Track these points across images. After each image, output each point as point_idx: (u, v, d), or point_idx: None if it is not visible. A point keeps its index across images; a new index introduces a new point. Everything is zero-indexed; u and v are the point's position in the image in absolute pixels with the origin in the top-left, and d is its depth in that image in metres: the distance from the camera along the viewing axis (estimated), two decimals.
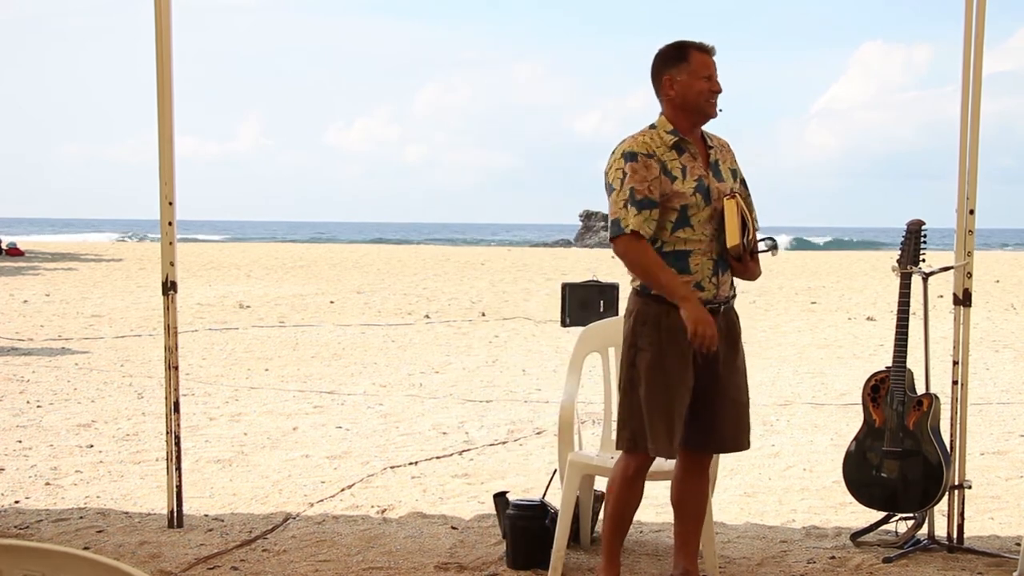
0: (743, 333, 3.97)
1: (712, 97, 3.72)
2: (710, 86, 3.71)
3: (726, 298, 3.79)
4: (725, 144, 3.90)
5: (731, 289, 3.85)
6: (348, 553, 4.46)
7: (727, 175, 3.81)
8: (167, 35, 4.65)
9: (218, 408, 7.91)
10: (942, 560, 4.38)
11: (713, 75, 3.73)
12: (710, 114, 3.76)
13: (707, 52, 3.75)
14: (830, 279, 22.63)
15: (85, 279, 20.89)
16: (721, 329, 3.72)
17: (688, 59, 3.72)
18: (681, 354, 3.68)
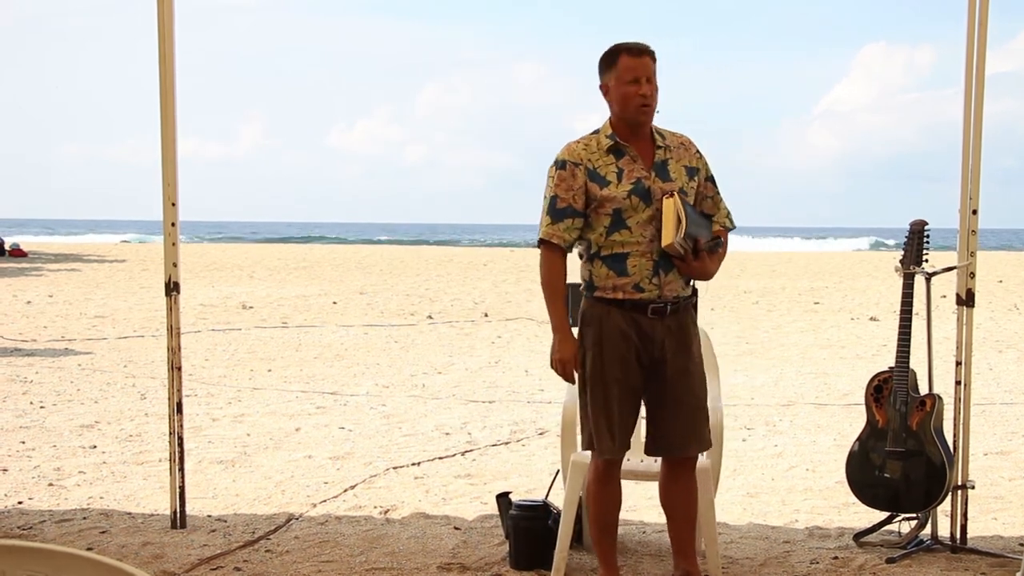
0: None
1: (641, 101, 3.69)
2: (637, 89, 3.69)
3: (674, 298, 3.74)
4: (684, 142, 3.85)
5: (683, 289, 3.78)
6: (351, 554, 4.46)
7: (677, 174, 3.77)
8: (170, 36, 4.66)
9: (221, 409, 7.91)
10: (945, 560, 4.38)
11: (641, 78, 3.69)
12: (639, 119, 3.74)
13: (636, 55, 3.72)
14: (833, 279, 22.62)
15: (88, 280, 20.91)
16: (671, 330, 3.75)
17: (616, 64, 3.73)
18: (621, 355, 3.71)
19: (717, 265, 3.81)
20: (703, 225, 3.78)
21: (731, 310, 16.14)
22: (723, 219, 3.86)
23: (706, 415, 3.87)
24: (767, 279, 22.59)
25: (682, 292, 3.77)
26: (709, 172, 3.86)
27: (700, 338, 3.92)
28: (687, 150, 3.83)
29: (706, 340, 4.55)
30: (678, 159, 3.79)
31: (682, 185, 3.76)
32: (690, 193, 3.78)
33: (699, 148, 3.88)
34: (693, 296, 3.86)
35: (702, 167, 3.84)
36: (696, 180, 3.81)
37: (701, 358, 3.87)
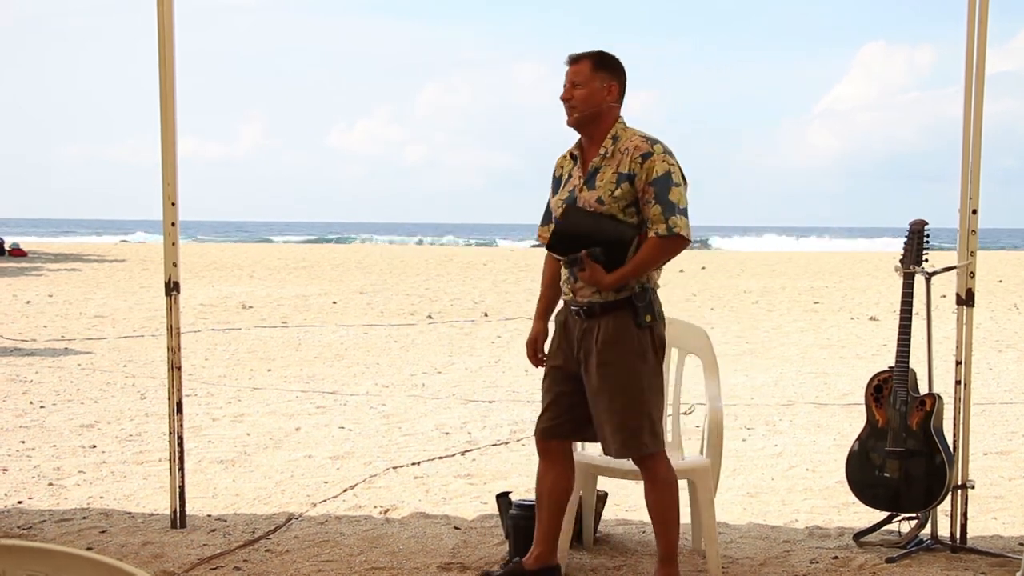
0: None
1: (565, 105, 3.88)
2: (562, 95, 3.89)
3: (586, 303, 3.82)
4: (633, 147, 3.78)
5: (600, 295, 3.80)
6: (351, 553, 4.46)
7: (603, 182, 3.78)
8: (170, 36, 4.66)
9: (221, 409, 7.91)
10: (945, 560, 4.38)
11: (567, 84, 3.87)
12: (567, 122, 3.89)
13: (567, 63, 3.92)
14: (833, 279, 22.62)
15: (88, 280, 20.91)
16: (590, 332, 3.84)
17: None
18: (559, 343, 3.96)
19: (618, 277, 3.74)
20: (604, 234, 3.76)
21: (731, 310, 16.14)
22: (655, 226, 3.74)
23: (625, 422, 3.78)
24: (767, 279, 22.59)
25: (598, 298, 3.80)
26: (655, 176, 3.73)
27: (642, 344, 3.80)
28: (628, 155, 3.78)
29: (706, 340, 4.57)
30: (614, 166, 3.79)
31: (601, 195, 3.77)
32: (620, 199, 3.75)
33: (658, 153, 3.76)
34: (626, 300, 3.79)
35: (643, 172, 3.74)
36: (632, 186, 3.75)
37: (632, 364, 3.78)
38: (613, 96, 3.86)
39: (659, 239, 3.73)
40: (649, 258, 3.75)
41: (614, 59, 3.90)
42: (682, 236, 3.74)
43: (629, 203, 3.76)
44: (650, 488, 3.90)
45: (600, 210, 3.78)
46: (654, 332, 3.84)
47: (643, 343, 3.81)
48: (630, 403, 3.78)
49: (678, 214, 3.73)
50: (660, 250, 3.75)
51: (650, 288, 3.85)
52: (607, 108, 3.85)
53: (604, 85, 3.84)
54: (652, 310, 3.82)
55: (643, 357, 3.81)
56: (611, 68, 3.88)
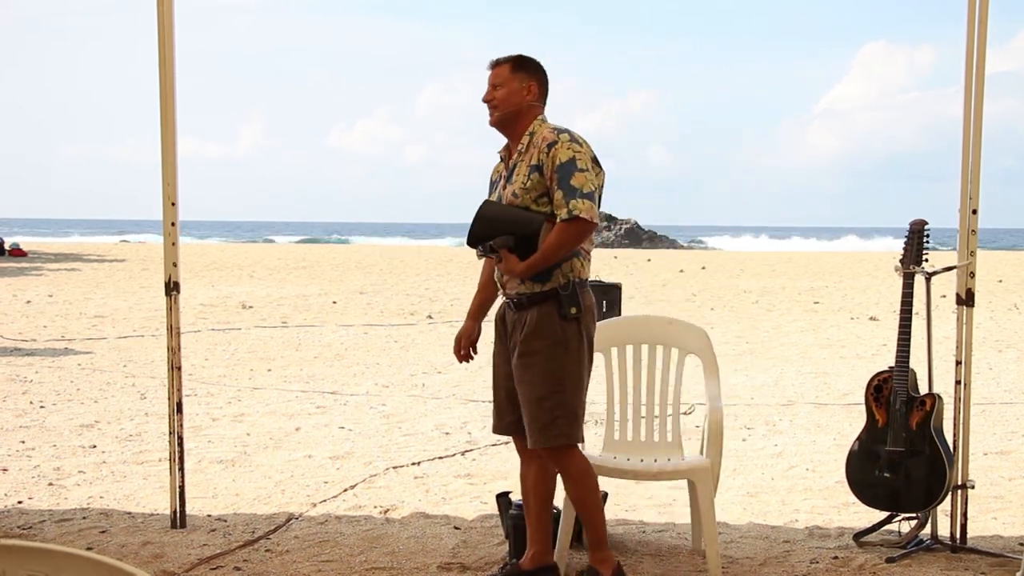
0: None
1: (488, 106, 3.97)
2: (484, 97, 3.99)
3: (515, 295, 3.91)
4: (544, 138, 3.83)
5: (526, 287, 3.85)
6: (351, 553, 4.46)
7: (519, 175, 3.87)
8: (170, 36, 4.66)
9: (221, 408, 7.91)
10: (945, 560, 4.38)
11: (489, 87, 3.96)
12: (489, 122, 3.99)
13: (488, 68, 4.01)
14: (833, 279, 22.62)
15: (88, 280, 20.91)
16: (518, 324, 3.90)
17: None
18: (503, 345, 4.03)
19: (528, 265, 3.78)
20: (514, 224, 3.81)
21: (731, 310, 16.14)
22: (558, 211, 3.77)
23: (542, 412, 3.81)
24: (767, 279, 22.59)
25: (525, 290, 3.86)
26: (559, 163, 3.77)
27: (564, 336, 3.82)
28: (537, 147, 3.85)
29: (706, 340, 4.57)
30: (528, 159, 3.86)
31: (516, 188, 3.85)
32: (531, 190, 3.82)
33: (562, 141, 3.80)
34: (551, 292, 3.82)
35: (548, 160, 3.79)
36: (541, 176, 3.81)
37: (553, 355, 3.81)
38: (533, 95, 3.94)
39: (563, 223, 3.75)
40: (556, 243, 3.77)
41: (533, 61, 4.00)
42: (583, 219, 3.75)
43: (540, 193, 3.82)
44: (566, 482, 3.95)
45: (515, 203, 3.85)
46: (580, 325, 3.85)
47: (566, 335, 3.82)
48: (548, 394, 3.81)
49: (580, 198, 3.75)
50: (565, 234, 3.76)
51: (576, 281, 3.86)
52: (527, 107, 3.93)
53: (523, 85, 3.93)
54: (577, 303, 3.84)
55: (564, 348, 3.82)
56: (529, 69, 3.96)
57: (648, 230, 49.08)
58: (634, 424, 4.60)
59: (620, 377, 4.61)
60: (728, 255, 37.19)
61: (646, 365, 4.63)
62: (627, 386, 4.61)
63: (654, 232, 49.17)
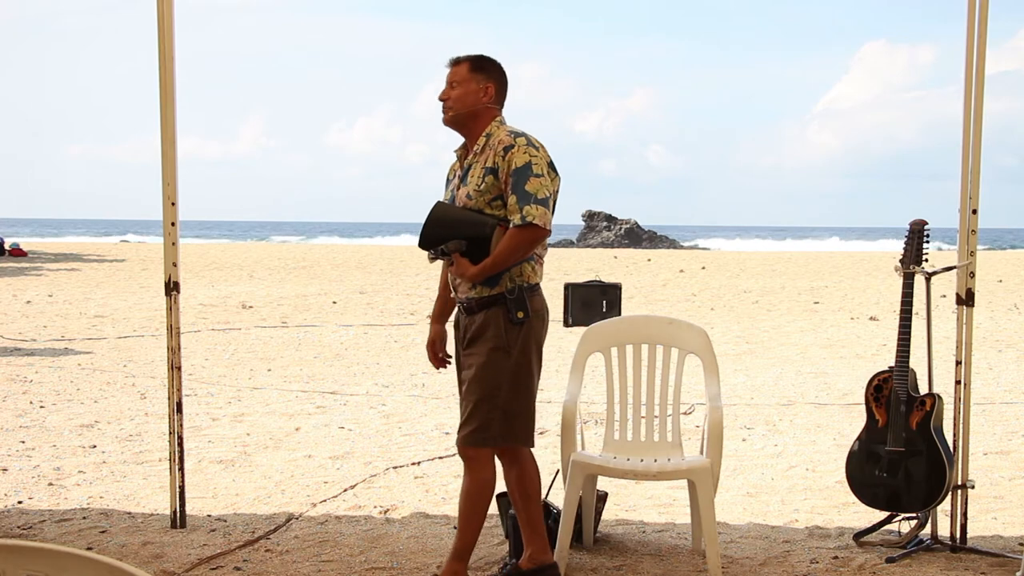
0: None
1: (443, 105, 3.95)
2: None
3: (466, 299, 3.90)
4: (500, 141, 3.82)
5: (476, 291, 3.84)
6: (351, 553, 4.46)
7: (474, 176, 3.86)
8: (170, 36, 4.66)
9: (221, 408, 7.91)
10: (945, 560, 4.38)
11: (445, 85, 3.94)
12: (442, 120, 3.96)
13: (447, 66, 3.98)
14: (833, 279, 22.62)
15: (88, 279, 20.91)
16: (469, 327, 3.89)
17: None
18: (455, 345, 4.04)
19: (480, 269, 3.76)
20: (466, 228, 3.79)
21: (731, 310, 16.15)
22: (511, 216, 3.75)
23: (476, 414, 3.81)
24: (767, 279, 22.59)
25: (474, 294, 3.85)
26: (514, 167, 3.76)
27: (508, 340, 3.81)
28: (493, 150, 3.83)
29: (705, 340, 4.57)
30: (483, 161, 3.85)
31: (470, 190, 3.83)
32: (485, 193, 3.80)
33: (519, 145, 3.79)
34: (499, 296, 3.81)
35: (504, 164, 3.78)
36: (496, 179, 3.80)
37: (493, 358, 3.80)
38: (489, 97, 3.91)
39: (515, 229, 3.74)
40: (507, 248, 3.75)
41: (492, 62, 3.97)
42: (536, 225, 3.74)
43: (495, 196, 3.81)
44: (465, 482, 3.92)
45: (469, 205, 3.83)
46: (528, 330, 3.83)
47: (510, 339, 3.81)
48: (483, 396, 3.80)
49: (534, 203, 3.74)
50: (517, 239, 3.75)
51: (525, 285, 3.84)
52: (483, 108, 3.91)
53: (480, 86, 3.90)
54: (525, 307, 3.82)
55: (507, 353, 3.81)
56: (488, 70, 3.94)
57: (648, 230, 49.10)
58: (634, 424, 4.60)
59: (620, 377, 4.61)
60: (728, 255, 37.20)
61: (646, 365, 4.63)
62: (627, 386, 4.61)
63: (654, 232, 49.19)
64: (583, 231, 49.50)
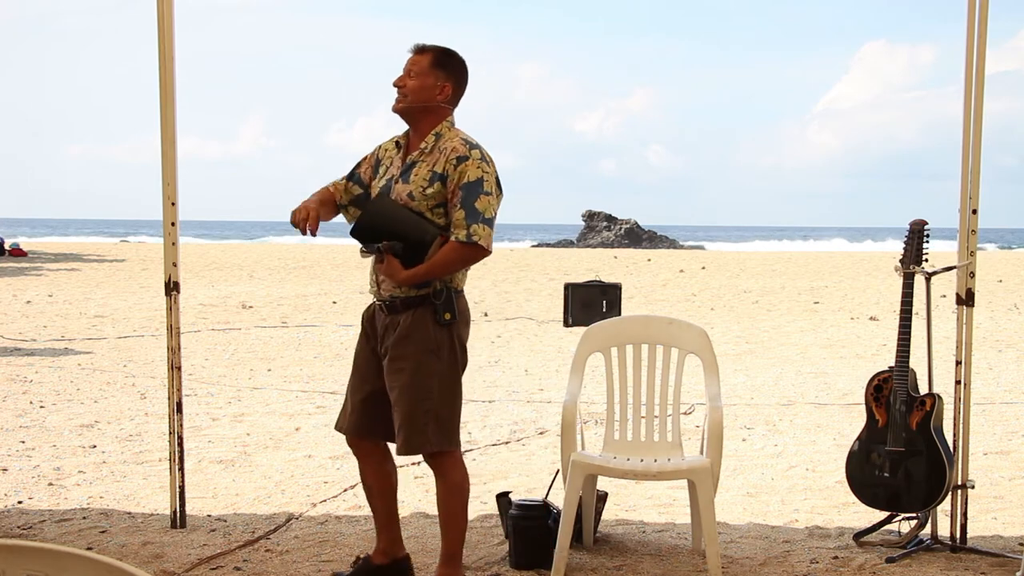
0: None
1: (397, 91, 3.85)
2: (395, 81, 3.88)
3: (389, 298, 3.82)
4: (451, 148, 3.76)
5: (398, 291, 3.79)
6: (351, 553, 4.46)
7: (417, 177, 3.77)
8: (170, 36, 4.66)
9: (221, 408, 7.91)
10: (945, 560, 4.38)
11: (403, 70, 3.85)
12: (392, 107, 3.87)
13: (409, 52, 3.88)
14: (833, 279, 22.62)
15: (88, 279, 20.91)
16: (391, 328, 3.83)
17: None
18: (361, 345, 3.98)
19: (412, 274, 3.72)
20: (408, 230, 3.73)
21: (731, 310, 16.14)
22: (457, 231, 3.71)
23: (410, 418, 3.79)
24: (767, 279, 22.59)
25: (399, 293, 3.80)
26: (466, 181, 3.71)
27: (437, 342, 3.80)
28: (444, 156, 3.76)
29: (705, 340, 4.57)
30: (431, 163, 3.77)
31: (413, 190, 3.76)
32: (430, 198, 3.74)
33: (473, 159, 3.74)
34: (425, 297, 3.78)
35: (455, 175, 3.71)
36: (443, 187, 3.74)
37: (424, 361, 3.78)
38: (445, 96, 3.83)
39: (458, 244, 3.71)
40: (446, 261, 3.72)
41: (457, 60, 3.87)
42: (480, 246, 3.71)
43: (439, 203, 3.75)
44: (439, 487, 3.93)
45: (410, 205, 3.77)
46: (454, 332, 3.83)
47: (439, 341, 3.79)
48: (417, 400, 3.78)
49: (481, 223, 3.71)
50: (457, 255, 3.72)
51: (452, 288, 3.82)
52: (435, 107, 3.82)
53: (438, 83, 3.81)
54: (452, 309, 3.80)
55: (436, 355, 3.79)
56: (449, 68, 3.84)
57: (648, 230, 49.09)
58: (634, 424, 4.60)
59: (620, 377, 4.61)
60: (728, 255, 37.19)
61: (646, 365, 4.63)
62: (627, 386, 4.61)
63: (654, 232, 49.18)
64: (583, 231, 49.50)
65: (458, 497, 3.91)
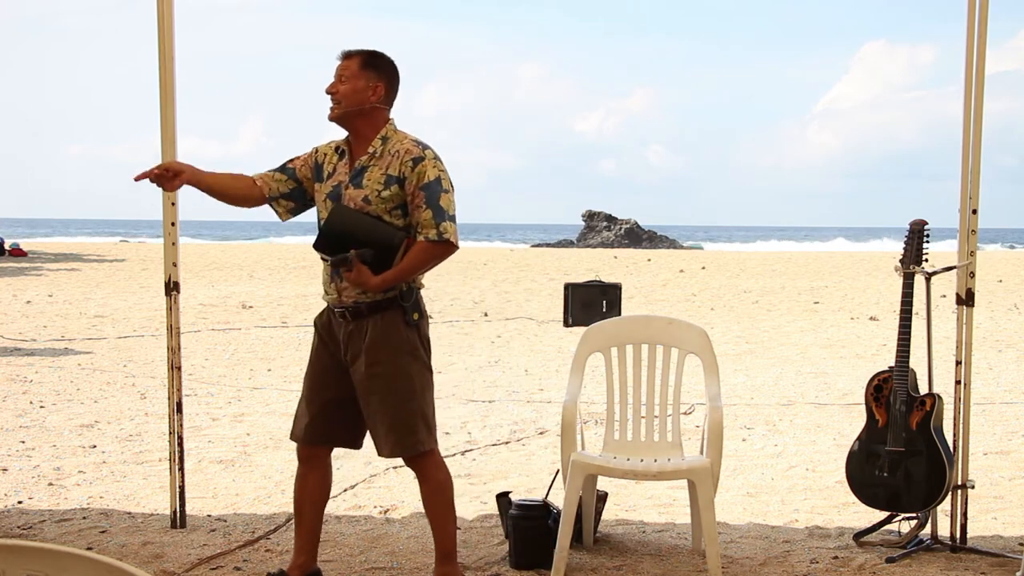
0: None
1: (331, 99, 3.84)
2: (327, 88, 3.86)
3: (353, 304, 3.80)
4: (405, 150, 3.76)
5: (363, 296, 3.78)
6: (351, 553, 4.46)
7: (371, 181, 3.76)
8: (170, 36, 4.66)
9: (221, 408, 7.91)
10: (945, 560, 4.38)
11: (334, 78, 3.84)
12: (328, 116, 3.86)
13: (338, 59, 3.87)
14: (833, 279, 22.62)
15: (88, 279, 20.91)
16: (355, 334, 3.81)
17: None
18: (318, 352, 3.95)
19: (383, 279, 3.71)
20: (375, 236, 3.72)
21: (731, 310, 16.15)
22: (426, 231, 3.71)
23: (399, 421, 3.78)
24: (767, 279, 22.59)
25: (365, 298, 3.78)
26: (426, 181, 3.72)
27: (411, 343, 3.80)
28: (398, 158, 3.76)
29: (706, 340, 4.57)
30: (383, 167, 3.77)
31: (368, 194, 3.75)
32: (387, 201, 3.73)
33: (429, 159, 3.74)
34: (393, 300, 3.78)
35: (413, 176, 3.72)
36: (401, 189, 3.73)
37: (403, 363, 3.78)
38: (378, 96, 3.82)
39: (429, 244, 3.72)
40: (418, 262, 3.73)
41: (385, 60, 3.87)
42: (451, 242, 3.74)
43: (396, 205, 3.75)
44: (424, 488, 3.91)
45: (367, 209, 3.76)
46: (421, 331, 3.85)
47: (412, 341, 3.81)
48: (403, 402, 3.78)
49: (447, 220, 3.73)
50: (429, 255, 3.74)
51: (416, 288, 3.84)
52: (371, 108, 3.82)
53: (370, 84, 3.80)
54: (419, 308, 3.83)
55: (414, 355, 3.81)
56: (379, 68, 3.84)
57: (648, 230, 49.10)
58: (634, 424, 4.60)
59: (620, 377, 4.61)
60: (728, 255, 37.19)
61: (646, 365, 4.63)
62: (627, 386, 4.61)
63: (654, 232, 49.19)
64: (583, 231, 49.51)
65: (446, 495, 3.91)
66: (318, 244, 3.84)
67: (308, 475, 4.00)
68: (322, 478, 4.03)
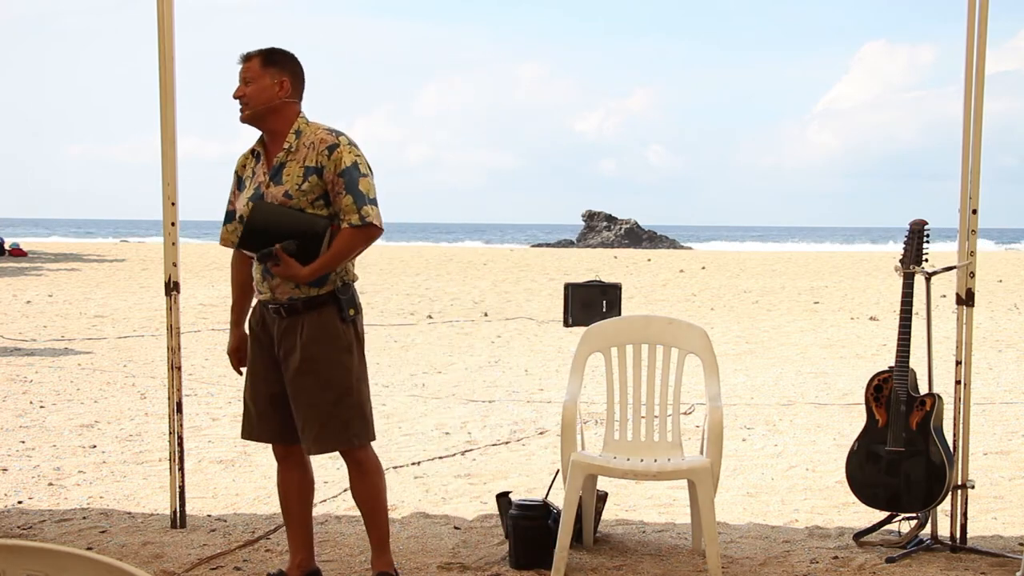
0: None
1: (240, 103, 3.84)
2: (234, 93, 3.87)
3: (288, 300, 3.78)
4: (319, 140, 3.77)
5: (298, 292, 3.77)
6: (351, 553, 4.46)
7: (290, 176, 3.76)
8: (170, 36, 4.66)
9: (221, 408, 7.91)
10: (945, 560, 4.38)
11: (239, 82, 3.83)
12: (240, 119, 3.86)
13: (239, 62, 3.87)
14: (833, 279, 22.62)
15: (88, 279, 20.91)
16: (289, 330, 3.80)
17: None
18: (255, 349, 3.92)
19: (313, 270, 3.70)
20: (297, 228, 3.71)
21: (731, 310, 16.15)
22: (348, 217, 3.71)
23: (334, 415, 3.80)
24: (767, 279, 22.59)
25: (300, 294, 3.77)
26: (343, 167, 3.72)
27: (347, 338, 3.84)
28: (314, 149, 3.77)
29: (706, 340, 4.57)
30: (300, 160, 3.77)
31: (288, 189, 3.75)
32: (308, 193, 3.73)
33: (344, 145, 3.75)
34: (329, 295, 3.80)
35: (331, 164, 3.72)
36: (320, 179, 3.74)
37: (341, 358, 3.81)
38: (285, 91, 3.83)
39: (353, 229, 3.72)
40: (345, 248, 3.74)
41: (285, 54, 3.88)
42: (375, 225, 3.75)
43: (318, 196, 3.76)
44: (358, 480, 3.93)
45: (289, 204, 3.76)
46: (357, 326, 3.89)
47: (348, 337, 3.84)
48: (340, 397, 3.80)
49: (369, 204, 3.74)
50: (355, 240, 3.74)
51: (351, 282, 3.86)
52: (280, 104, 3.82)
53: (275, 81, 3.81)
54: (355, 303, 3.88)
55: (349, 351, 3.83)
56: (281, 63, 3.84)
57: (648, 230, 49.11)
58: (634, 424, 4.60)
59: (620, 377, 4.61)
60: (728, 255, 37.20)
61: (646, 365, 4.63)
62: (627, 386, 4.61)
63: (654, 232, 49.20)
64: (583, 231, 49.51)
65: (380, 486, 3.95)
66: (242, 243, 3.83)
67: (287, 473, 4.06)
68: (302, 475, 4.06)
